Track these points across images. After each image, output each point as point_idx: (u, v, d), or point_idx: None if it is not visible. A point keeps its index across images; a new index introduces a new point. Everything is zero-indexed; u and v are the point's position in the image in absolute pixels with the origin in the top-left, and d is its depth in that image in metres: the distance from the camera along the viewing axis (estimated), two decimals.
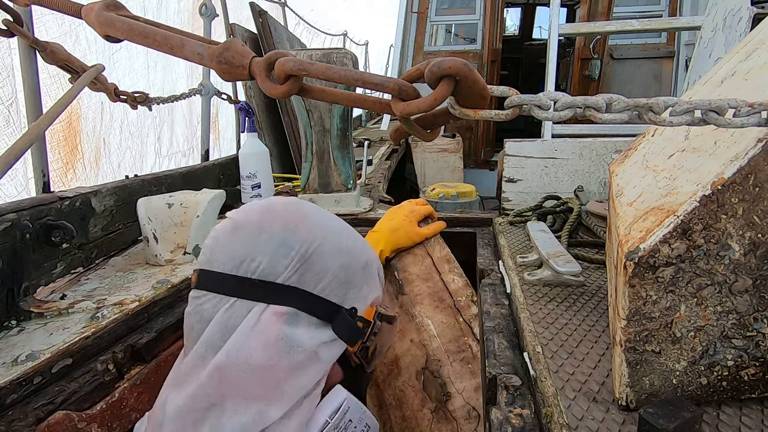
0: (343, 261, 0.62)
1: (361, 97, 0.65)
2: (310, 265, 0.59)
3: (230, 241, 0.60)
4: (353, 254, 0.64)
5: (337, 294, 0.61)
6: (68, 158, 2.01)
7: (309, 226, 0.61)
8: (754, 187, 0.47)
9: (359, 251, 0.66)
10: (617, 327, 0.54)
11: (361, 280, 0.64)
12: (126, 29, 0.67)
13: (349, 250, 0.64)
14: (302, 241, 0.59)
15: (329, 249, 0.61)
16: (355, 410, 0.61)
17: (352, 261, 0.63)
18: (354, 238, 0.67)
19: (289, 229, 0.60)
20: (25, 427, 0.61)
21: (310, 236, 0.60)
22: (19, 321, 0.84)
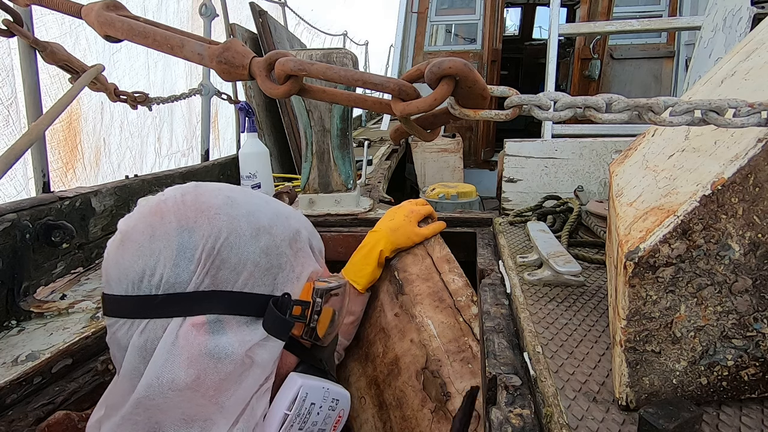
0: (263, 244, 0.55)
1: (361, 97, 0.65)
2: (223, 262, 0.52)
3: (121, 257, 0.51)
4: (273, 233, 0.56)
5: (265, 283, 0.55)
6: (68, 158, 2.01)
7: (209, 217, 0.53)
8: (754, 187, 0.47)
9: (281, 227, 0.58)
10: (617, 327, 0.54)
11: (289, 259, 0.57)
12: (126, 29, 0.67)
13: (268, 230, 0.56)
14: (205, 237, 0.51)
15: (242, 236, 0.53)
16: (315, 393, 0.58)
17: (274, 241, 0.56)
18: (272, 213, 0.59)
19: (185, 228, 0.51)
20: (25, 427, 0.61)
21: (214, 229, 0.52)
22: (19, 321, 0.84)
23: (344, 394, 0.63)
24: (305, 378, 0.59)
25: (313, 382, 0.59)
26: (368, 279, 1.01)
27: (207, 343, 0.50)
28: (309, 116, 1.44)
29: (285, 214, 0.60)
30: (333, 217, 1.47)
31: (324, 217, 1.47)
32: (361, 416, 1.03)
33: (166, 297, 0.50)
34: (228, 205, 0.55)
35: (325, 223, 1.45)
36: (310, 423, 0.58)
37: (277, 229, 0.57)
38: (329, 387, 0.61)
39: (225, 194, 0.57)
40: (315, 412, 0.58)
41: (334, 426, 0.62)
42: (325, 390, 0.59)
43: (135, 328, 0.50)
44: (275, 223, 0.57)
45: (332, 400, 0.60)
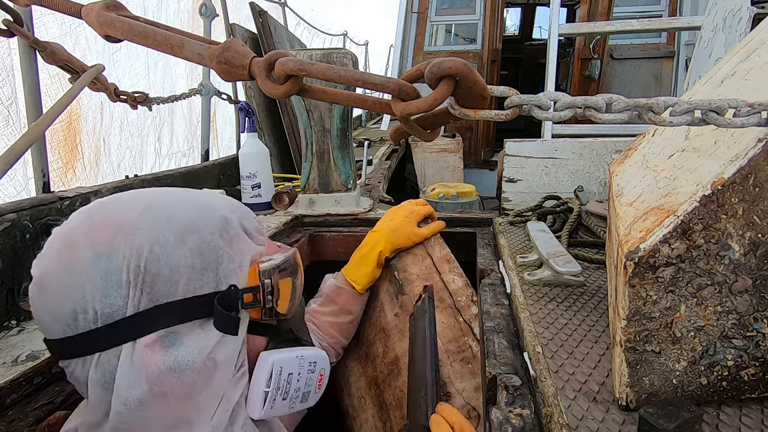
0: (191, 245, 0.52)
1: (361, 97, 0.65)
2: (154, 277, 0.49)
3: (45, 304, 0.49)
4: (199, 230, 0.53)
5: (207, 283, 0.53)
6: (68, 158, 2.01)
7: (125, 235, 0.49)
8: (754, 187, 0.47)
9: (206, 220, 0.55)
10: (617, 327, 0.54)
11: (225, 250, 0.55)
12: (126, 29, 0.67)
13: (193, 228, 0.53)
14: (127, 257, 0.48)
15: (166, 244, 0.51)
16: (289, 364, 0.61)
17: (203, 238, 0.53)
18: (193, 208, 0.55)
19: (101, 255, 0.48)
20: (25, 427, 0.60)
21: (134, 246, 0.49)
22: (19, 321, 0.84)
23: (320, 355, 0.65)
24: (277, 353, 0.61)
25: (286, 355, 0.61)
26: (367, 279, 1.01)
27: (164, 359, 0.49)
28: (309, 116, 1.44)
29: (206, 205, 0.57)
30: (333, 217, 1.47)
31: (324, 217, 1.47)
32: (361, 416, 1.03)
33: (107, 327, 0.48)
34: (143, 215, 0.52)
35: (325, 223, 1.45)
36: (293, 390, 0.61)
37: (202, 224, 0.54)
38: (303, 354, 0.63)
39: (138, 203, 0.53)
40: (294, 380, 0.61)
41: (318, 384, 0.65)
42: (299, 358, 0.62)
43: (89, 364, 0.49)
44: (199, 219, 0.54)
45: (309, 364, 0.63)
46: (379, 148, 3.05)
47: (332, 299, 1.01)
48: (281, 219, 1.40)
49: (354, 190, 1.52)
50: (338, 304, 1.01)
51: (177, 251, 0.51)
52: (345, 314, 1.01)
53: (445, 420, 0.62)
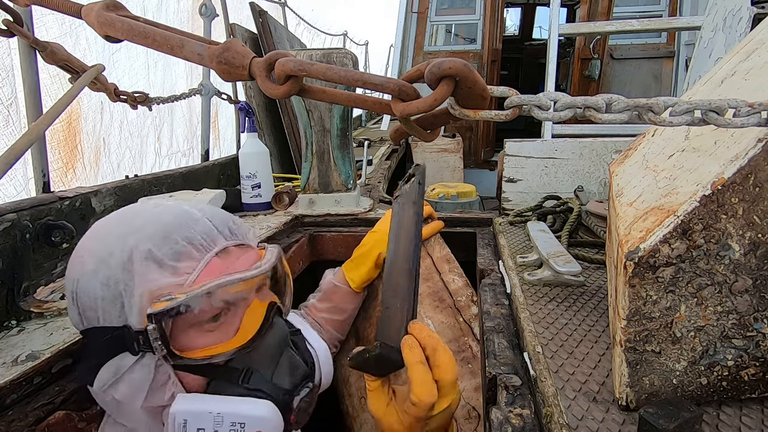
0: (101, 277, 0.53)
1: (361, 97, 0.65)
2: (83, 304, 0.54)
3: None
4: (110, 261, 0.53)
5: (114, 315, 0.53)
6: (68, 158, 2.01)
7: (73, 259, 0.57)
8: (754, 187, 0.47)
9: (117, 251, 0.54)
10: (617, 327, 0.54)
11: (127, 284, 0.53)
12: (126, 29, 0.67)
13: (106, 259, 0.53)
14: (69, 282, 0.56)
15: (86, 274, 0.54)
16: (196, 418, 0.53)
17: (110, 270, 0.53)
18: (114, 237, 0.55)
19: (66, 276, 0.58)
20: (25, 427, 0.60)
21: (71, 272, 0.56)
22: (19, 321, 0.84)
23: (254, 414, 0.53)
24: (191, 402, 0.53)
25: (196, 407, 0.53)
26: (363, 278, 1.02)
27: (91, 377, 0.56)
28: (309, 116, 1.44)
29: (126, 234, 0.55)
30: (333, 217, 1.47)
31: (324, 217, 1.47)
32: (361, 416, 1.03)
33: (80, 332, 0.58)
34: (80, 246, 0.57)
35: (325, 223, 1.45)
36: None
37: (114, 256, 0.54)
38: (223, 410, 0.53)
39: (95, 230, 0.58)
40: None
41: None
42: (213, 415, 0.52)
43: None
44: (114, 249, 0.54)
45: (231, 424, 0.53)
46: (379, 148, 3.05)
47: (328, 296, 1.02)
48: (281, 219, 1.40)
49: (354, 190, 1.52)
50: (333, 301, 1.02)
51: (93, 282, 0.54)
52: (339, 312, 1.02)
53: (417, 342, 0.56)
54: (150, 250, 0.54)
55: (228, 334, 0.56)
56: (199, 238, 0.56)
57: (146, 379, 0.54)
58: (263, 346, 0.58)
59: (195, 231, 0.57)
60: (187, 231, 0.56)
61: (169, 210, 0.59)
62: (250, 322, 0.57)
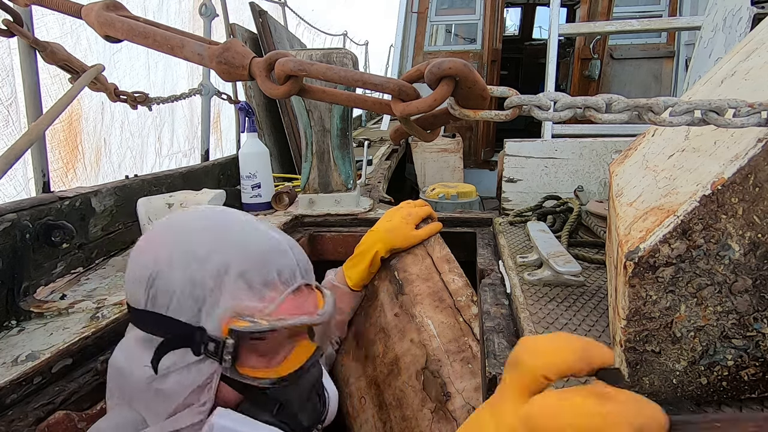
0: (190, 274, 0.56)
1: (361, 97, 0.65)
2: (158, 288, 0.57)
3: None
4: (204, 265, 0.57)
5: (189, 312, 0.56)
6: (69, 158, 2.01)
7: (156, 245, 0.60)
8: (754, 187, 0.47)
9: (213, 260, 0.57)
10: (617, 327, 0.54)
11: (214, 292, 0.57)
12: (126, 29, 0.67)
13: (201, 262, 0.57)
14: (150, 261, 0.58)
15: (175, 265, 0.57)
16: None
17: (200, 273, 0.56)
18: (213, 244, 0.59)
19: (142, 251, 0.60)
20: (25, 427, 0.61)
21: (157, 256, 0.58)
22: (19, 321, 0.84)
23: None
24: (228, 419, 0.56)
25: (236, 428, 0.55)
26: (360, 277, 1.02)
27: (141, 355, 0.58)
28: (309, 116, 1.44)
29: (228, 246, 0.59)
30: (333, 217, 1.47)
31: (324, 217, 1.47)
32: (361, 416, 1.03)
33: (132, 309, 0.60)
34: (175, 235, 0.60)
35: (325, 223, 1.45)
36: None
37: (210, 262, 0.57)
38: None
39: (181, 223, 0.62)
40: None
41: None
42: None
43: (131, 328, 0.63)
44: (210, 255, 0.58)
45: None
46: (379, 148, 3.05)
47: None
48: (281, 219, 1.40)
49: (354, 190, 1.52)
50: None
51: (177, 274, 0.57)
52: (338, 312, 1.03)
53: None
54: (246, 271, 0.58)
55: (274, 362, 0.61)
56: (286, 272, 0.61)
57: (196, 381, 0.56)
58: (300, 384, 0.62)
59: (283, 264, 0.61)
60: (278, 263, 0.61)
61: (264, 235, 0.63)
62: (297, 357, 0.62)
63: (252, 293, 0.58)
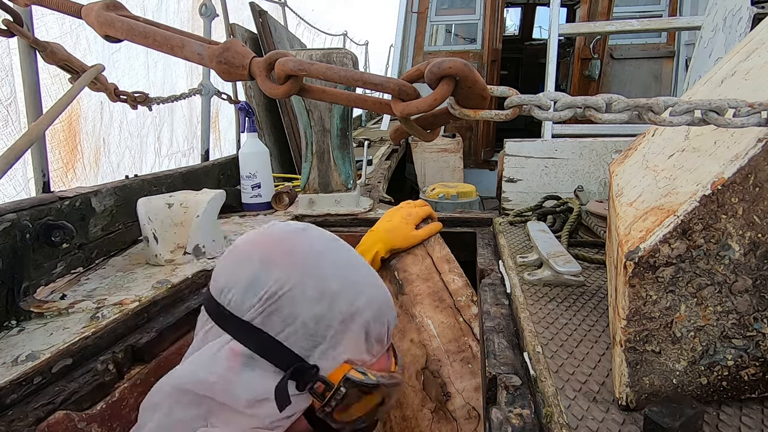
0: (318, 311, 0.56)
1: (361, 97, 0.65)
2: (278, 309, 0.55)
3: (222, 266, 0.60)
4: (334, 304, 0.56)
5: (303, 346, 0.55)
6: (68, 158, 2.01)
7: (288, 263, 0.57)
8: (754, 187, 0.47)
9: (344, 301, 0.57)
10: (617, 327, 0.54)
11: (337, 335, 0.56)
12: (126, 29, 0.67)
13: (331, 299, 0.56)
14: (275, 280, 0.56)
15: (305, 294, 0.56)
16: None
17: (329, 312, 0.56)
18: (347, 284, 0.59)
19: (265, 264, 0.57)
20: (25, 427, 0.60)
21: (285, 276, 0.56)
22: (19, 321, 0.84)
23: None
24: None
25: None
26: None
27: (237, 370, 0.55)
28: (309, 116, 1.44)
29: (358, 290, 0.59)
30: (333, 217, 1.47)
31: (324, 217, 1.47)
32: None
33: (228, 314, 0.56)
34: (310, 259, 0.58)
35: (325, 223, 1.45)
36: None
37: (339, 302, 0.57)
38: None
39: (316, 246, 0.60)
40: None
41: None
42: None
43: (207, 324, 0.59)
44: (341, 296, 0.57)
45: None
46: (379, 148, 3.05)
47: None
48: (281, 219, 1.40)
49: (354, 190, 1.52)
50: None
51: (306, 306, 0.56)
52: None
53: None
54: (370, 323, 0.59)
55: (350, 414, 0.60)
56: (389, 328, 0.63)
57: (287, 414, 0.55)
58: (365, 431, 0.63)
59: (390, 320, 0.63)
60: (388, 317, 0.62)
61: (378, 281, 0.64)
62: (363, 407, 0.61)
63: (367, 345, 0.59)
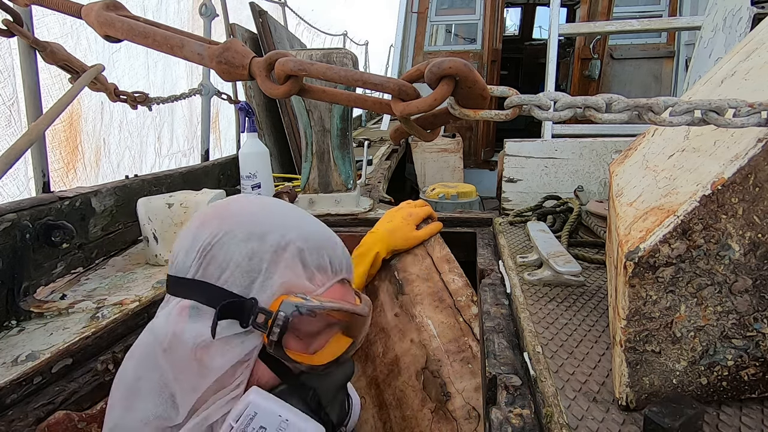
0: (249, 248, 0.58)
1: (361, 97, 0.65)
2: (213, 257, 0.58)
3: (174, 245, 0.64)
4: (265, 239, 0.59)
5: (241, 284, 0.57)
6: (69, 158, 2.01)
7: (223, 218, 0.60)
8: (754, 187, 0.47)
9: (274, 236, 0.59)
10: (617, 327, 0.54)
11: (270, 267, 0.58)
12: (126, 29, 0.67)
13: (261, 236, 0.59)
14: (208, 233, 0.59)
15: (236, 237, 0.58)
16: (266, 417, 0.54)
17: (260, 247, 0.58)
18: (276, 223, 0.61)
19: (202, 224, 0.60)
20: (25, 427, 0.61)
21: (218, 228, 0.59)
22: (19, 321, 0.84)
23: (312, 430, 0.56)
24: (265, 398, 0.56)
25: (271, 406, 0.55)
26: (360, 278, 1.02)
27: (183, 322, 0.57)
28: (309, 116, 1.44)
29: (288, 226, 0.61)
30: (333, 217, 1.47)
31: (324, 217, 1.47)
32: (361, 416, 1.03)
33: (175, 278, 0.59)
34: (243, 211, 0.61)
35: (325, 223, 1.45)
36: None
37: (269, 237, 0.59)
38: (289, 418, 0.55)
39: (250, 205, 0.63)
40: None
41: None
42: (281, 420, 0.55)
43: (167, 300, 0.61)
44: (271, 232, 0.60)
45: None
46: (379, 148, 3.05)
47: None
48: None
49: (354, 190, 1.52)
50: None
51: (238, 247, 0.58)
52: None
53: None
54: (304, 251, 0.60)
55: (310, 349, 0.60)
56: (336, 262, 0.64)
57: (237, 355, 0.56)
58: (333, 376, 0.62)
59: (336, 254, 0.64)
60: (332, 251, 0.64)
61: (321, 225, 0.67)
62: (332, 349, 0.62)
63: (305, 273, 0.60)
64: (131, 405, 0.57)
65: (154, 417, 0.56)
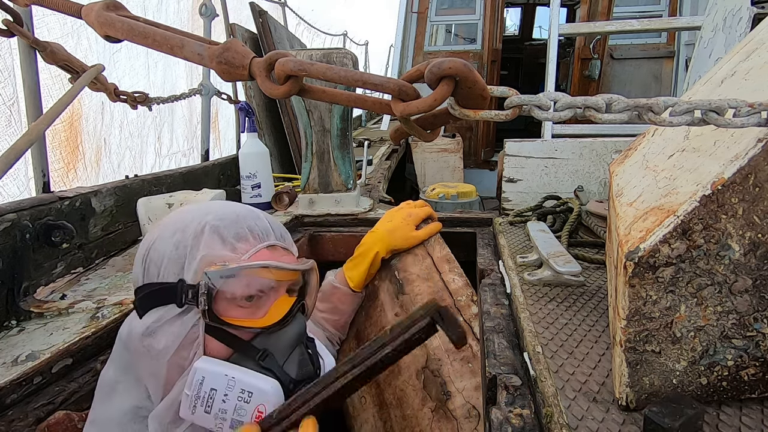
0: (175, 239, 0.63)
1: (361, 97, 0.65)
2: (150, 261, 0.63)
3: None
4: (186, 229, 0.63)
5: (174, 273, 0.62)
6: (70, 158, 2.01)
7: (154, 228, 0.66)
8: (754, 187, 0.47)
9: (193, 222, 0.64)
10: (617, 327, 0.54)
11: (193, 249, 0.62)
12: (126, 29, 0.67)
13: (184, 228, 0.64)
14: (145, 244, 0.65)
15: (164, 237, 0.64)
16: (213, 378, 0.58)
17: (184, 235, 0.63)
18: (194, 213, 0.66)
19: (142, 242, 0.66)
20: (25, 427, 0.61)
21: (151, 237, 0.65)
22: (19, 321, 0.84)
23: (264, 388, 0.59)
24: (211, 363, 0.60)
25: (216, 368, 0.59)
26: (361, 278, 1.03)
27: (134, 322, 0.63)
28: (309, 116, 1.44)
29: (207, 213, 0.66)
30: (333, 217, 1.47)
31: (324, 217, 1.47)
32: (361, 416, 1.03)
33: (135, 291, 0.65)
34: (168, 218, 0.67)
35: (325, 223, 1.45)
36: (217, 410, 0.58)
37: (190, 227, 0.64)
38: (236, 376, 0.59)
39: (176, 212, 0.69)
40: (219, 399, 0.58)
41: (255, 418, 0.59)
42: (228, 379, 0.59)
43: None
44: (192, 222, 0.64)
45: (241, 391, 0.59)
46: (379, 148, 3.05)
47: (327, 297, 1.03)
48: (281, 219, 1.40)
49: (354, 190, 1.52)
50: (333, 302, 1.03)
51: (165, 242, 0.63)
52: (339, 313, 1.04)
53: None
54: (219, 227, 0.64)
55: (257, 314, 0.64)
56: (258, 230, 0.67)
57: (181, 334, 0.61)
58: (283, 335, 0.65)
59: (256, 224, 0.68)
60: (250, 222, 0.67)
61: (241, 206, 0.71)
62: (277, 310, 0.65)
63: (224, 245, 0.63)
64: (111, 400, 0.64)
65: (131, 407, 0.63)
